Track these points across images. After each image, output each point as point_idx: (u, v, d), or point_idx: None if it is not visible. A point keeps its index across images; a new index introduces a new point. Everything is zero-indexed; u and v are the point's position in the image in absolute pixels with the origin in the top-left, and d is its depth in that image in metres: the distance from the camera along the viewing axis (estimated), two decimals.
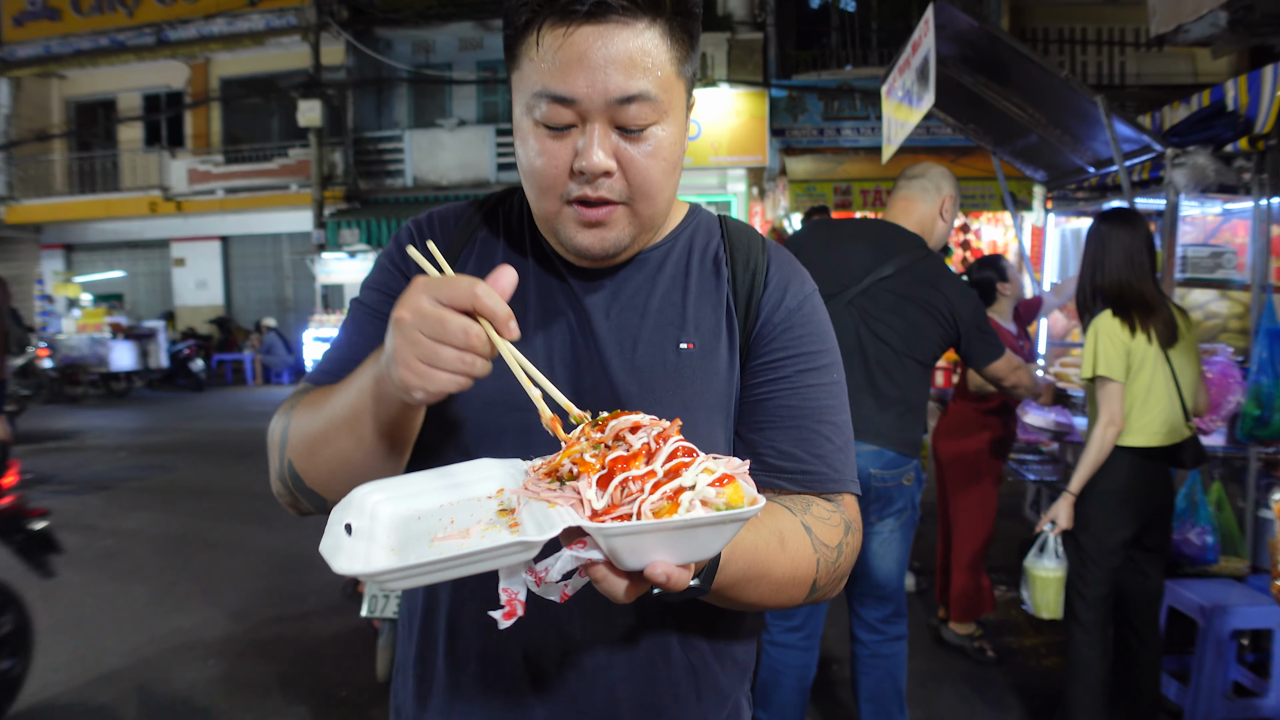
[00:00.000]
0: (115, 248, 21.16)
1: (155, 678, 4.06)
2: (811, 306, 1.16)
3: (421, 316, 0.79)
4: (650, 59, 0.95)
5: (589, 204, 1.00)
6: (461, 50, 17.87)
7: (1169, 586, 3.65)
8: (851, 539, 1.11)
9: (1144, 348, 3.07)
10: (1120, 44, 14.43)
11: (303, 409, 1.05)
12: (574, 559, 0.75)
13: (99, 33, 18.94)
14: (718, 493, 0.73)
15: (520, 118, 1.02)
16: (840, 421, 1.14)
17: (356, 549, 0.76)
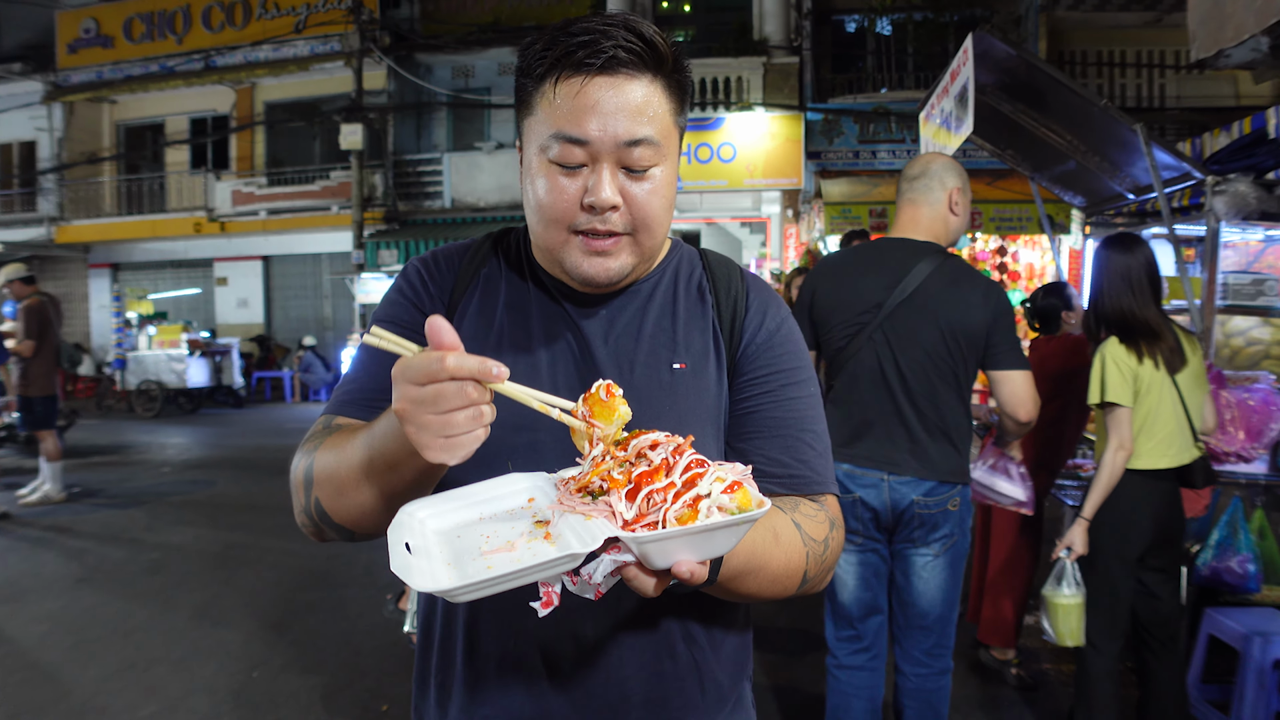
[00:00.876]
0: (160, 267, 21.65)
1: (201, 688, 4.16)
2: (788, 328, 1.30)
3: (416, 403, 0.86)
4: (653, 108, 1.09)
5: (595, 235, 1.12)
6: (500, 75, 18.17)
7: (1210, 615, 3.62)
8: (836, 534, 1.23)
9: (1151, 373, 3.11)
10: (1160, 66, 14.33)
11: (326, 451, 1.12)
12: (613, 562, 0.86)
13: (149, 59, 19.52)
14: (731, 498, 0.84)
15: (532, 157, 1.13)
16: (819, 430, 1.27)
17: (423, 566, 0.85)
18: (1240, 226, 4.07)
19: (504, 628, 1.19)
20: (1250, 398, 3.64)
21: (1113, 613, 3.21)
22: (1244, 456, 3.64)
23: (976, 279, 2.87)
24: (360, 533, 1.13)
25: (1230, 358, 4.15)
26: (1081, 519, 3.17)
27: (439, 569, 0.86)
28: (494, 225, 16.83)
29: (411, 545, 0.90)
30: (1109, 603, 3.20)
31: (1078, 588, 3.24)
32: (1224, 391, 3.68)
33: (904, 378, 2.83)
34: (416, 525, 0.95)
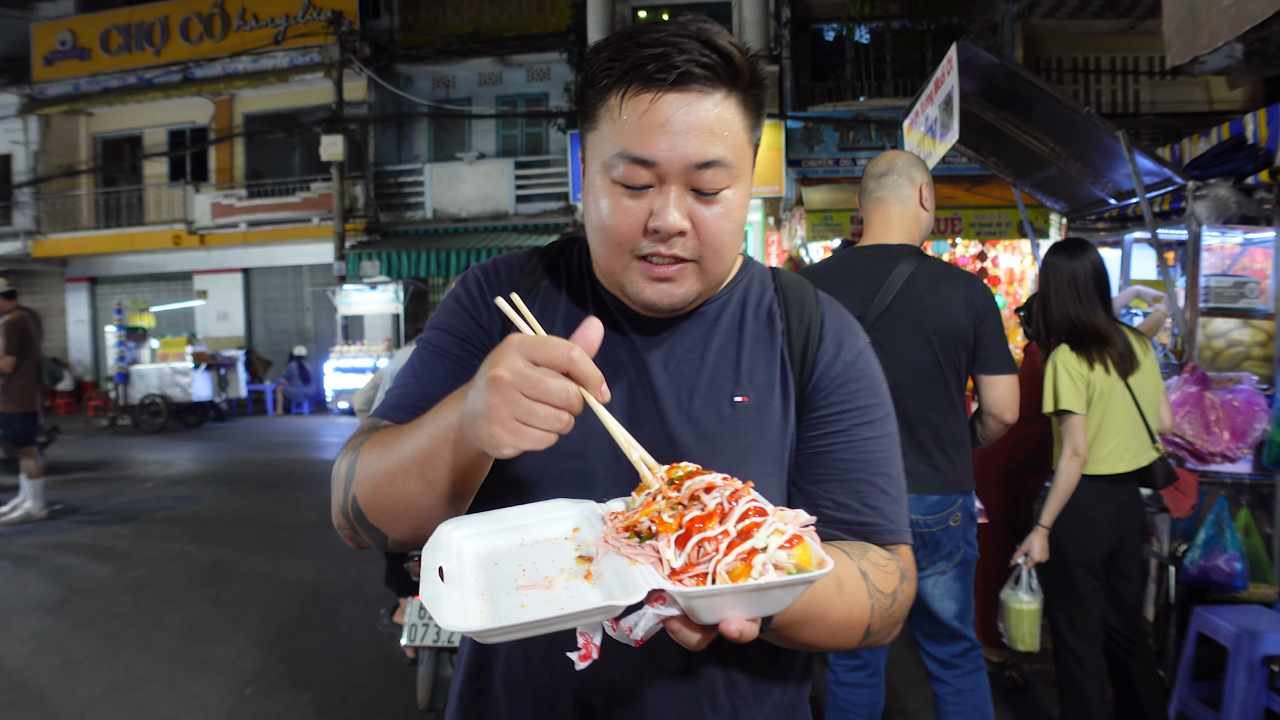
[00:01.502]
0: (139, 280, 21.47)
1: (192, 706, 4.12)
2: (865, 360, 1.19)
3: (520, 377, 0.83)
4: (727, 127, 1.01)
5: (660, 261, 1.04)
6: (481, 85, 18.20)
7: (1198, 613, 3.67)
8: (907, 587, 1.13)
9: (1103, 379, 3.17)
10: (1134, 73, 14.53)
11: (371, 447, 1.08)
12: (656, 617, 0.80)
13: (127, 71, 19.42)
14: (788, 555, 0.78)
15: (595, 175, 1.06)
16: (894, 473, 1.17)
17: (454, 599, 0.82)
18: (1220, 230, 4.14)
19: (539, 661, 1.12)
20: (1234, 398, 3.70)
21: (1083, 617, 3.25)
22: (1229, 456, 3.70)
23: (958, 277, 2.77)
24: (394, 537, 1.08)
25: (1212, 359, 4.21)
26: (1040, 527, 3.22)
27: (470, 601, 0.83)
28: (476, 236, 16.83)
29: (445, 570, 0.86)
30: (1077, 607, 3.25)
31: (1034, 594, 3.30)
32: (1208, 393, 3.74)
33: (898, 390, 2.73)
34: (454, 546, 0.91)
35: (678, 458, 1.05)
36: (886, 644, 1.18)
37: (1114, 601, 3.32)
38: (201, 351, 16.75)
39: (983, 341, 2.74)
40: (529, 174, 17.30)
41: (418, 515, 1.03)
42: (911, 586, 1.15)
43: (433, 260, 15.72)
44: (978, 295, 2.72)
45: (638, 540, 0.85)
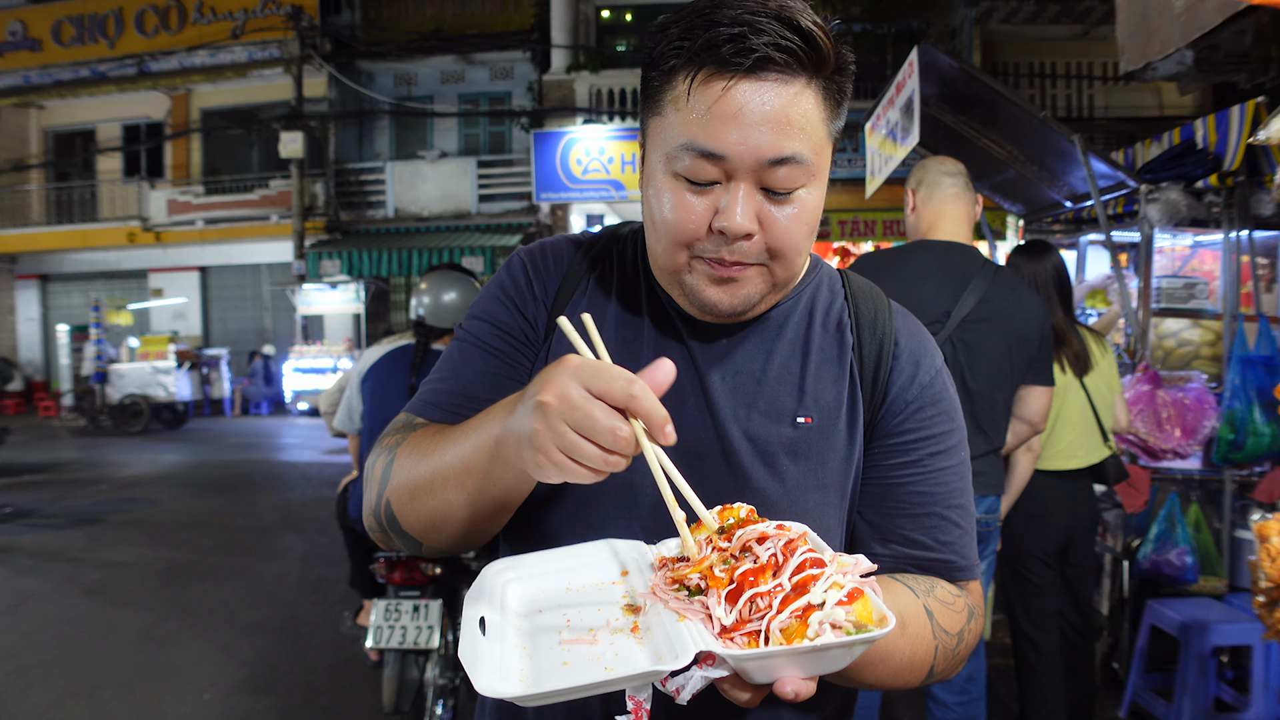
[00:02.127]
0: (92, 278, 21.00)
1: (150, 713, 4.04)
2: (943, 382, 1.09)
3: (570, 406, 0.75)
4: (806, 120, 0.91)
5: (722, 263, 0.95)
6: (443, 83, 18.07)
7: (1151, 606, 3.76)
8: (974, 625, 1.06)
9: (1059, 377, 3.28)
10: (1089, 78, 14.83)
11: (409, 450, 1.00)
12: (704, 679, 0.75)
13: (79, 63, 18.98)
14: (847, 613, 0.73)
15: (656, 166, 0.96)
16: (966, 504, 1.09)
17: (493, 655, 0.77)
18: (1171, 233, 4.24)
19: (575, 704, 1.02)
20: (1185, 397, 3.80)
21: (1039, 607, 3.36)
22: (1180, 453, 3.80)
23: (1031, 293, 2.83)
24: (429, 544, 1.01)
25: (1164, 358, 4.32)
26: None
27: (511, 657, 0.78)
28: (438, 235, 16.70)
29: (488, 622, 0.81)
30: (1034, 597, 3.35)
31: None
32: (1160, 391, 3.83)
33: (969, 390, 2.72)
34: (498, 591, 0.87)
35: (733, 478, 1.01)
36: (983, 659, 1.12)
37: (1068, 593, 3.41)
38: (185, 350, 16.36)
39: (1041, 354, 2.82)
40: (492, 173, 17.21)
41: (455, 526, 0.96)
42: (979, 625, 1.08)
43: (394, 260, 15.57)
44: (1045, 311, 2.81)
45: (686, 593, 0.80)
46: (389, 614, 3.26)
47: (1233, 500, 3.95)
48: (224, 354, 17.28)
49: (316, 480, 10.26)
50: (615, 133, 14.76)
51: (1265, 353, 3.76)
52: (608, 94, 15.14)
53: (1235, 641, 3.58)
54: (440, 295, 3.57)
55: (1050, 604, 3.33)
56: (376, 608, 3.29)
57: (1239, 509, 3.94)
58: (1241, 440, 3.71)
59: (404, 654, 3.31)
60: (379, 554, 3.34)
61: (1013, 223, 10.52)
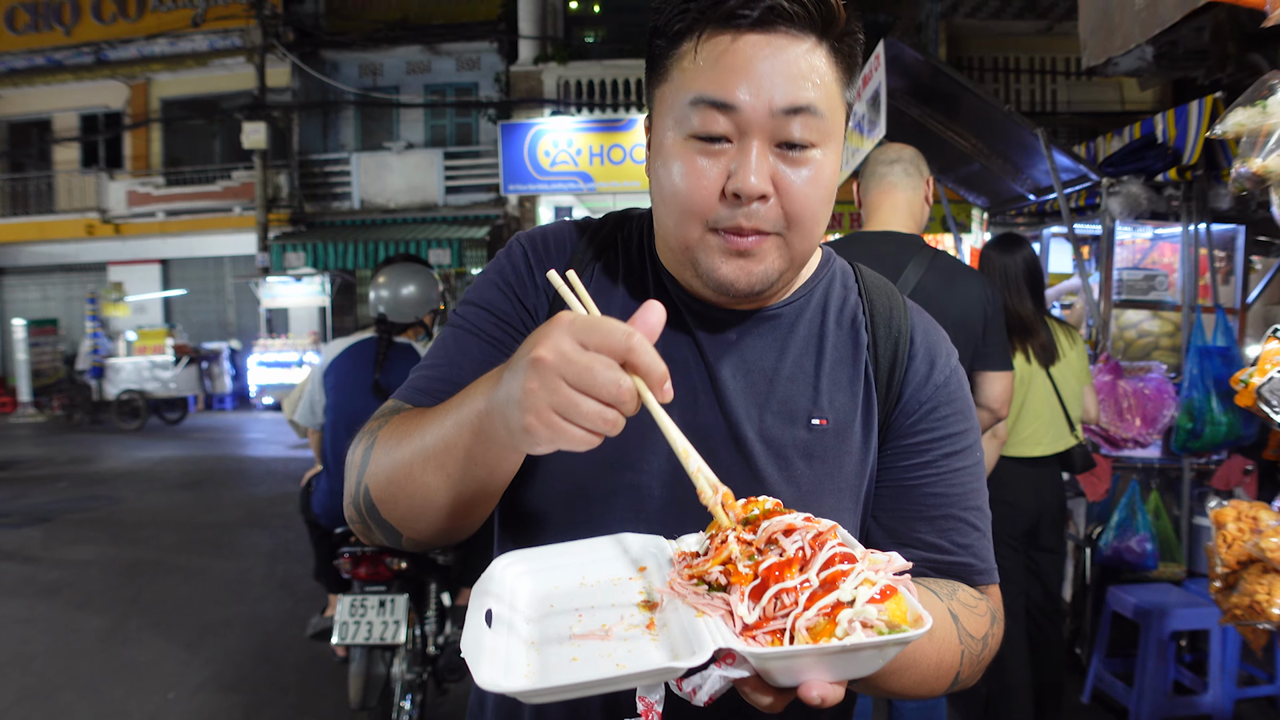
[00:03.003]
0: (49, 271, 20.55)
1: (112, 712, 3.98)
2: (958, 380, 1.06)
3: (567, 361, 0.70)
4: (818, 75, 0.87)
5: (739, 232, 0.90)
6: (409, 73, 17.89)
7: (1112, 592, 3.83)
8: (996, 630, 1.04)
9: (1023, 367, 3.32)
10: (1052, 73, 15.01)
11: (389, 433, 0.95)
12: (723, 679, 0.71)
13: (34, 51, 18.52)
14: (879, 611, 0.68)
15: (665, 134, 0.92)
16: (982, 504, 1.06)
17: (498, 649, 0.72)
18: (1132, 225, 4.31)
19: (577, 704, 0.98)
20: (1145, 386, 3.86)
21: (1005, 589, 3.39)
22: (1140, 442, 3.86)
23: (971, 275, 2.75)
24: (409, 535, 0.95)
25: (1124, 349, 4.39)
26: None
27: (517, 652, 0.73)
28: (405, 227, 16.55)
29: (495, 615, 0.76)
30: (1001, 583, 3.38)
31: None
32: (1121, 381, 3.90)
33: None
34: (507, 585, 0.82)
35: (747, 479, 0.96)
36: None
37: (1036, 576, 3.45)
38: (184, 344, 15.89)
39: (989, 339, 2.74)
40: (459, 165, 17.07)
41: (435, 513, 0.90)
42: (1000, 630, 1.05)
43: (360, 252, 15.40)
44: (989, 293, 2.72)
45: (708, 589, 0.75)
46: (354, 610, 3.23)
47: (1191, 488, 4.03)
48: (224, 348, 16.75)
49: (282, 475, 10.14)
50: (584, 124, 14.71)
51: (1222, 343, 3.84)
52: (575, 85, 15.08)
53: (1193, 626, 3.66)
54: (399, 289, 3.53)
55: (1015, 587, 3.37)
56: (342, 603, 3.25)
57: (1197, 496, 4.02)
58: (1200, 429, 3.79)
59: (370, 649, 3.28)
60: (344, 549, 3.31)
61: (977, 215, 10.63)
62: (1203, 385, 3.79)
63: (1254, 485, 3.96)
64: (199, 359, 16.08)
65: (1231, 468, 3.97)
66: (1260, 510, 2.13)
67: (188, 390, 15.77)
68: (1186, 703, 3.69)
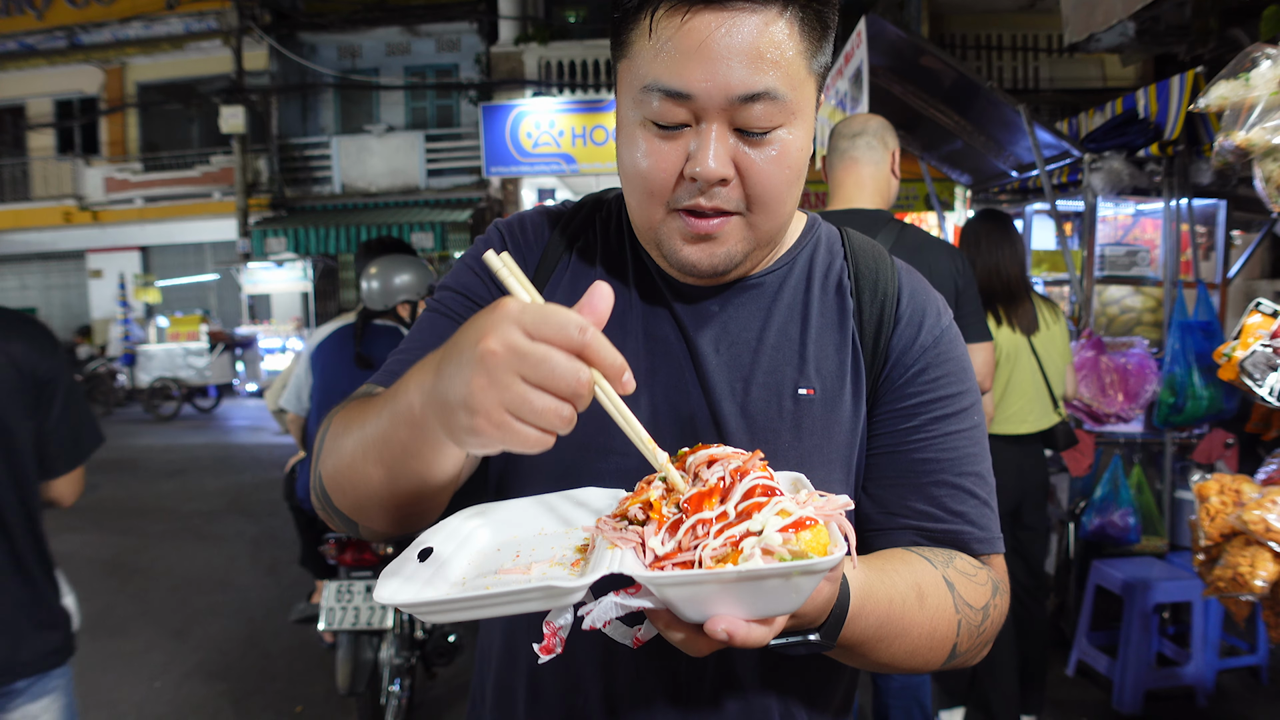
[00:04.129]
0: (26, 260, 20.32)
1: (100, 701, 3.96)
2: (949, 341, 1.01)
3: (518, 355, 0.63)
4: (779, 51, 0.82)
5: (700, 214, 0.88)
6: (389, 55, 17.70)
7: (1096, 566, 3.87)
8: (999, 601, 0.99)
9: (1009, 338, 3.34)
10: (1034, 50, 15.00)
11: (341, 420, 0.91)
12: (617, 605, 0.69)
13: (6, 36, 18.21)
14: (784, 539, 0.65)
15: (625, 113, 0.89)
16: (982, 470, 1.01)
17: (415, 577, 0.72)
18: (1114, 201, 4.32)
19: (569, 681, 0.98)
20: (1127, 362, 3.88)
21: None
22: (1123, 417, 3.89)
23: (939, 246, 2.66)
24: (362, 525, 0.91)
25: (1107, 325, 4.41)
26: None
27: (437, 584, 0.72)
28: (387, 211, 16.43)
29: (438, 552, 0.76)
30: None
31: None
32: (1104, 356, 3.92)
33: None
34: (462, 533, 0.82)
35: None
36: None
37: (1019, 555, 3.47)
38: (218, 330, 15.51)
39: (963, 310, 2.63)
40: (440, 147, 16.94)
41: (381, 506, 0.85)
42: (1004, 601, 1.00)
43: (342, 236, 15.28)
44: (960, 265, 2.64)
45: (627, 525, 0.74)
46: (341, 595, 3.22)
47: (1173, 462, 4.06)
48: (257, 334, 16.33)
49: (266, 462, 10.08)
50: (566, 105, 14.61)
51: (1204, 318, 3.86)
52: (557, 66, 14.96)
53: (1176, 599, 3.70)
54: (391, 279, 3.52)
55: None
56: (328, 589, 3.24)
57: (1179, 470, 4.05)
58: (1181, 403, 3.81)
59: (358, 635, 3.27)
60: (329, 535, 3.30)
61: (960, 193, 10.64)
62: (1184, 360, 3.81)
63: (1235, 459, 3.99)
64: (232, 345, 15.68)
65: (1213, 441, 4.00)
66: (1243, 483, 2.14)
67: (222, 378, 15.44)
68: (1169, 674, 3.74)
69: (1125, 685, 3.61)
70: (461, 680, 4.05)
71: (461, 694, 3.93)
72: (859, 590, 0.82)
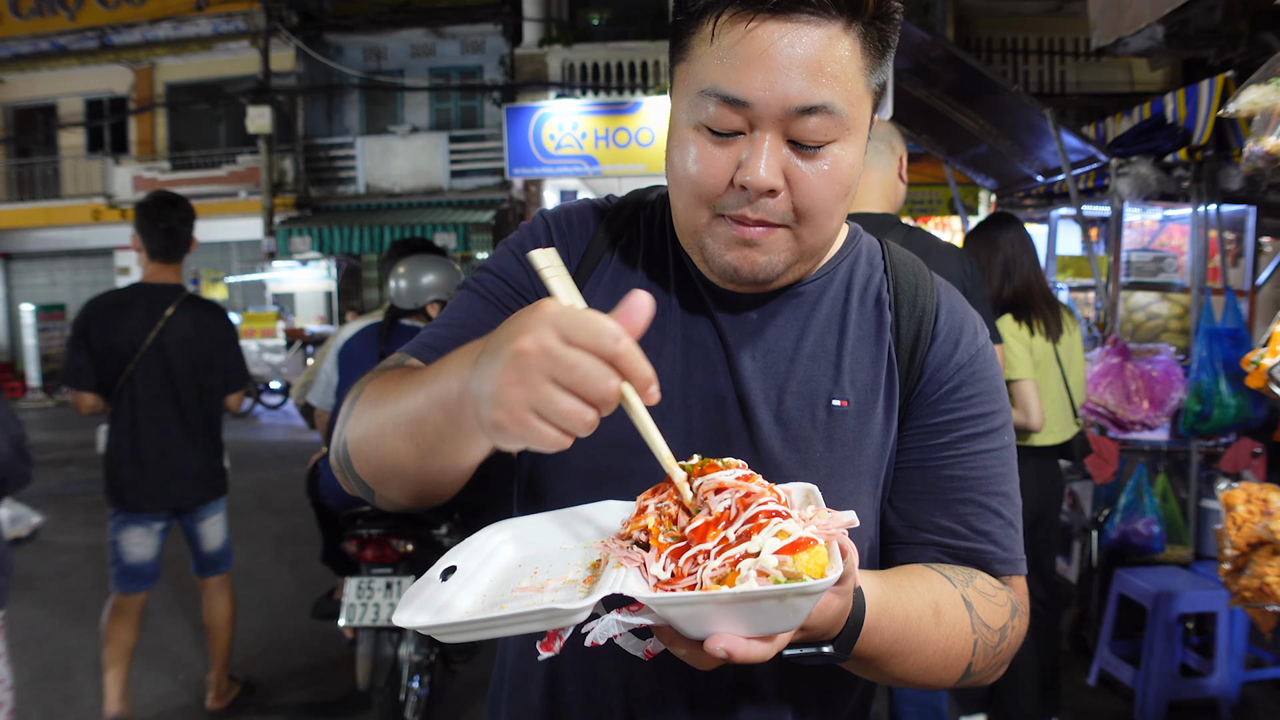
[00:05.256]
0: (56, 256, 20.61)
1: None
2: (983, 361, 1.01)
3: (551, 357, 0.64)
4: (839, 66, 0.83)
5: (744, 221, 0.88)
6: (413, 56, 17.82)
7: (1119, 575, 3.83)
8: (1018, 623, 0.99)
9: (1041, 345, 3.29)
10: (1061, 54, 14.88)
11: (374, 389, 0.92)
12: (618, 624, 0.71)
13: (39, 36, 18.49)
14: (780, 561, 0.67)
15: (679, 116, 0.90)
16: (1009, 490, 1.01)
17: (436, 596, 0.74)
18: (1141, 207, 4.28)
19: (589, 676, 0.99)
20: (1153, 369, 3.84)
21: None
22: (1148, 424, 3.85)
23: (948, 250, 2.65)
24: (380, 494, 0.93)
25: (1133, 332, 4.37)
26: None
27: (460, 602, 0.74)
28: (410, 211, 16.52)
29: (461, 569, 0.78)
30: None
31: None
32: (1129, 363, 3.88)
33: None
34: (487, 549, 0.84)
35: (761, 467, 0.92)
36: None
37: (1033, 568, 3.44)
38: (294, 327, 15.34)
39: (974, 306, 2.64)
40: (463, 148, 17.02)
41: (404, 480, 0.88)
42: (1023, 623, 1.01)
43: (365, 236, 15.39)
44: (969, 267, 2.62)
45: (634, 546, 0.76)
46: (362, 592, 3.25)
47: (1199, 470, 4.01)
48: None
49: (290, 459, 10.17)
50: (588, 107, 14.65)
51: (1231, 325, 3.82)
52: (580, 68, 15.01)
53: (1201, 609, 3.65)
54: (419, 279, 3.55)
55: None
56: (349, 586, 3.27)
57: (1205, 479, 4.00)
58: (1208, 411, 3.77)
59: (378, 631, 3.30)
60: (350, 532, 3.33)
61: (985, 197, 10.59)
62: (1211, 368, 3.77)
63: (1262, 468, 3.94)
64: (308, 343, 15.48)
65: (1240, 450, 3.95)
66: (1270, 493, 2.12)
67: (295, 375, 15.15)
68: (1193, 685, 3.70)
69: (1148, 696, 3.58)
70: (481, 677, 4.07)
71: (481, 691, 3.95)
72: (875, 604, 0.83)
